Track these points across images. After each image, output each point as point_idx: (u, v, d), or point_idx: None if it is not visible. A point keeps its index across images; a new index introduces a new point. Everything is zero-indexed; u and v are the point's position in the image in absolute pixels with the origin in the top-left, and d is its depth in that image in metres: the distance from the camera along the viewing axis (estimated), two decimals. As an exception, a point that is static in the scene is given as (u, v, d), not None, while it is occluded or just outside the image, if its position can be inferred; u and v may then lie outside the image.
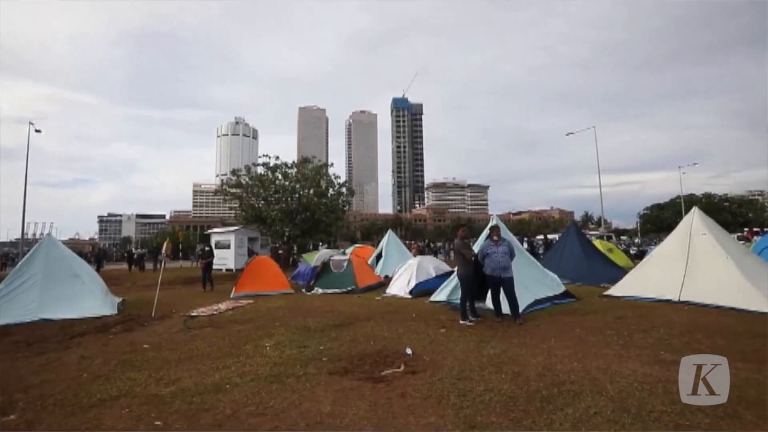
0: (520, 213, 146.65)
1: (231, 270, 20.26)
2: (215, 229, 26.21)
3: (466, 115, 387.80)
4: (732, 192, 75.04)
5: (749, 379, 3.85)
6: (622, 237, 43.26)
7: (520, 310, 6.93)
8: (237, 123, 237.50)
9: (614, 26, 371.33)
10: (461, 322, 6.78)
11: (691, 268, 7.89)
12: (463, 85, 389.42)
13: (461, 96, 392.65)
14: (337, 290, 11.53)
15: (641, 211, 73.94)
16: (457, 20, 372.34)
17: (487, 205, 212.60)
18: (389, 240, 16.28)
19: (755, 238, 19.31)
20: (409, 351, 5.15)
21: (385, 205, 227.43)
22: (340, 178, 30.03)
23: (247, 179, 26.72)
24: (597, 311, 7.47)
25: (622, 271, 10.89)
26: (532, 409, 3.36)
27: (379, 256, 15.97)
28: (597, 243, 15.59)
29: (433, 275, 10.74)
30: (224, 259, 21.28)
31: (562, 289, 8.66)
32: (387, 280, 12.25)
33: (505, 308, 6.91)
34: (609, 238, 27.91)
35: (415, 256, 14.44)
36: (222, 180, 31.78)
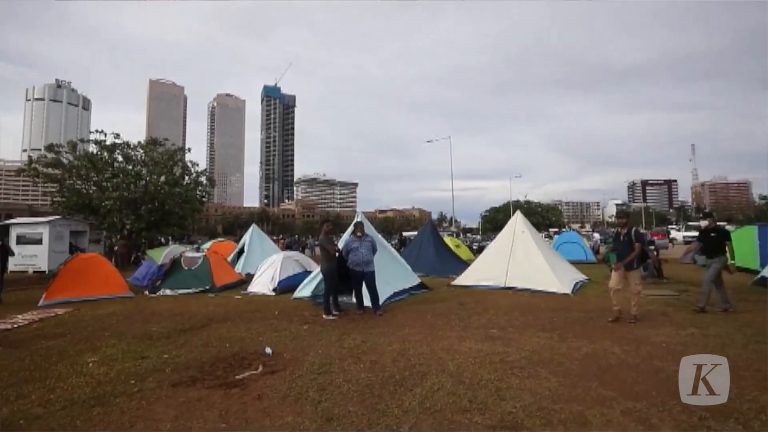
0: (385, 211, 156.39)
1: (43, 272, 16.07)
2: (18, 219, 20.34)
3: (338, 114, 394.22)
4: (543, 200, 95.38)
5: (545, 345, 4.91)
6: (468, 234, 50.52)
7: (381, 302, 7.37)
8: (59, 87, 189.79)
9: (470, 53, 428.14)
10: (325, 316, 6.83)
11: (514, 259, 9.65)
12: (337, 83, 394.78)
13: (335, 95, 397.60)
14: (189, 290, 10.30)
15: (483, 213, 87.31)
16: (335, 19, 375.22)
17: (355, 202, 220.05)
18: (253, 235, 15.34)
19: (555, 236, 24.76)
20: (268, 350, 4.94)
21: (252, 198, 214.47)
22: (198, 165, 26.93)
23: (71, 158, 21.65)
24: (444, 299, 8.48)
25: (465, 264, 12.61)
26: (386, 394, 3.59)
27: (240, 252, 14.90)
28: (447, 239, 17.73)
29: (299, 271, 10.57)
30: (32, 258, 16.74)
31: (417, 281, 9.55)
32: (249, 278, 11.52)
33: (367, 301, 7.25)
34: (458, 236, 32.15)
35: (282, 251, 13.95)
36: (31, 157, 24.95)
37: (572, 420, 3.00)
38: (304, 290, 8.76)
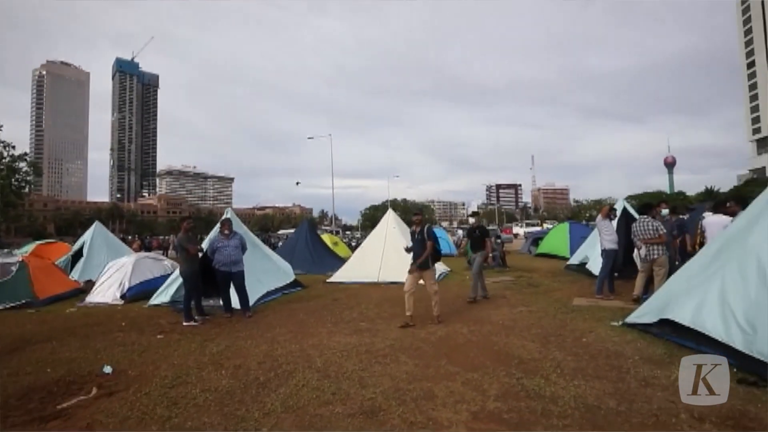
0: (264, 208, 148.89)
1: None
2: None
3: (213, 102, 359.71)
4: (418, 198, 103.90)
5: (407, 333, 5.37)
6: (347, 232, 51.68)
7: (252, 302, 7.02)
8: None
9: (351, 54, 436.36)
10: (185, 323, 6.18)
11: (386, 254, 10.25)
12: (212, 68, 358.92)
13: (210, 80, 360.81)
14: (-4, 306, 8.10)
15: (363, 210, 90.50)
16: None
17: (231, 198, 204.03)
18: (95, 234, 12.86)
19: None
20: (107, 369, 4.23)
21: (99, 191, 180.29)
22: (14, 147, 21.37)
23: None
24: (319, 296, 8.53)
25: (343, 261, 12.88)
26: (248, 398, 3.44)
27: (78, 256, 12.37)
28: (326, 237, 17.83)
29: (157, 275, 9.31)
30: None
31: (291, 278, 9.37)
32: (90, 286, 9.66)
33: (236, 303, 6.81)
34: (337, 233, 32.59)
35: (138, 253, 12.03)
36: None
37: (422, 396, 3.34)
38: (162, 296, 7.76)
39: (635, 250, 6.69)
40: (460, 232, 27.70)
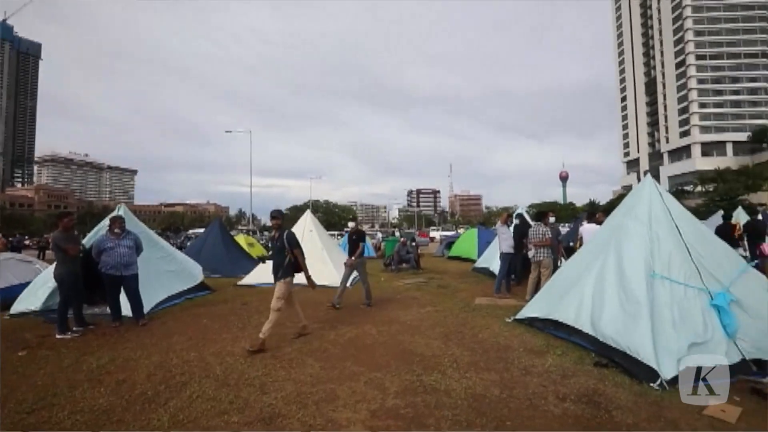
0: (172, 205, 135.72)
1: None
2: None
3: (115, 83, 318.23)
4: (341, 201, 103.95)
5: (316, 335, 5.33)
6: (265, 232, 49.38)
7: (149, 308, 6.35)
8: None
9: (277, 46, 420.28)
10: (59, 336, 5.35)
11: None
12: (113, 44, 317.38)
13: (110, 57, 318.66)
14: None
15: (284, 211, 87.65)
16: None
17: (133, 192, 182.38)
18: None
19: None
20: (-58, 395, 3.49)
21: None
22: None
23: None
24: (227, 300, 8.03)
25: (257, 263, 12.30)
26: (129, 416, 3.11)
27: None
28: (240, 237, 16.88)
29: (25, 279, 7.91)
30: None
31: (197, 281, 8.69)
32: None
33: (127, 310, 6.10)
34: (254, 233, 31.05)
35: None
36: None
37: (324, 398, 3.35)
38: (27, 302, 6.63)
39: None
40: (380, 235, 28.36)
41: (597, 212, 7.47)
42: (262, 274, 10.05)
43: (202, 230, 22.52)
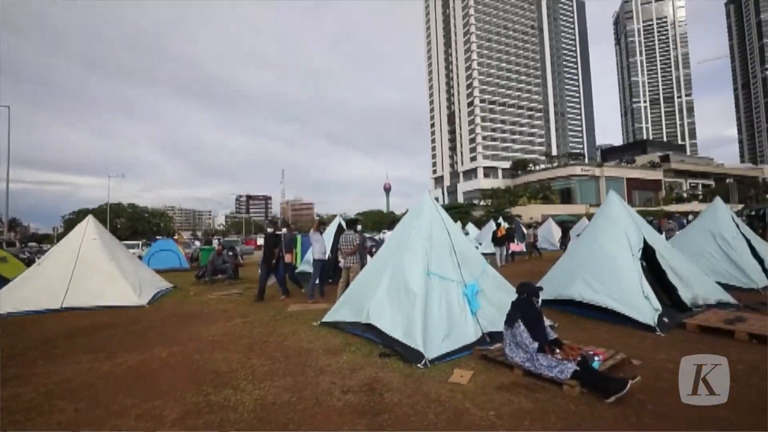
0: None
1: None
2: None
3: None
4: (155, 204, 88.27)
5: (83, 368, 4.35)
6: (32, 243, 37.19)
7: None
8: None
9: (62, 8, 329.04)
10: None
11: (78, 272, 8.08)
12: None
13: None
14: None
15: (68, 215, 68.43)
16: None
17: None
18: None
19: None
20: None
21: None
22: None
23: None
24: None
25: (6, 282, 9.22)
26: None
27: None
28: (-20, 250, 12.33)
29: None
30: None
31: None
32: None
33: None
34: (10, 244, 23.18)
35: None
36: None
37: (73, 447, 2.75)
38: None
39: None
40: (197, 243, 25.42)
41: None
42: (15, 297, 7.66)
43: None
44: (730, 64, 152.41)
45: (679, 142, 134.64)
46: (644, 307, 5.34)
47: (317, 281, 8.27)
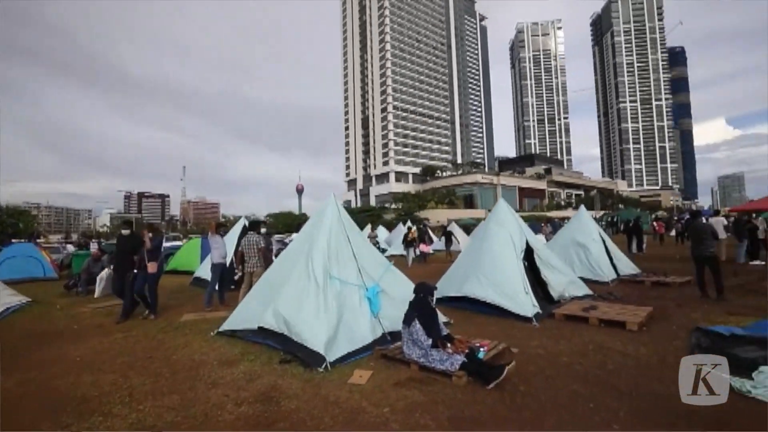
0: None
1: None
2: None
3: None
4: (12, 201, 73.27)
5: None
6: None
7: None
8: None
9: None
10: None
11: None
12: None
13: None
14: None
15: None
16: None
17: None
18: None
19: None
20: None
21: None
22: None
23: None
24: None
25: None
26: None
27: None
28: None
29: None
30: None
31: None
32: None
33: None
34: None
35: None
36: None
37: None
38: None
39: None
40: (70, 248, 21.72)
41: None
42: None
43: None
44: (595, 95, 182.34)
45: (559, 157, 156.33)
46: (525, 302, 6.07)
47: (216, 287, 7.68)
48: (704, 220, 9.39)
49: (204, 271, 10.86)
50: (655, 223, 24.03)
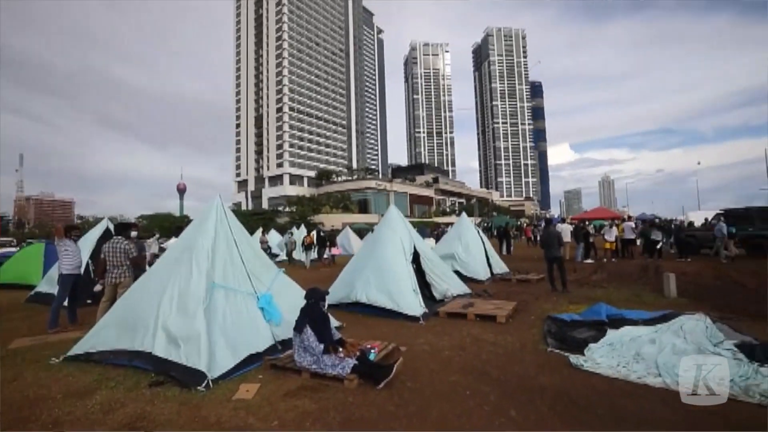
0: None
1: None
2: None
3: None
4: None
5: None
6: None
7: None
8: None
9: None
10: None
11: None
12: None
13: None
14: None
15: None
16: None
17: None
18: None
19: None
20: None
21: None
22: None
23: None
24: None
25: None
26: None
27: None
28: None
29: None
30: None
31: None
32: None
33: None
34: None
35: None
36: None
37: None
38: None
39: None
40: None
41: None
42: None
43: None
44: (475, 115, 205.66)
45: (446, 167, 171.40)
46: (413, 303, 6.44)
47: (65, 303, 6.37)
48: (556, 227, 11.33)
49: (48, 285, 8.94)
50: (526, 228, 29.29)
